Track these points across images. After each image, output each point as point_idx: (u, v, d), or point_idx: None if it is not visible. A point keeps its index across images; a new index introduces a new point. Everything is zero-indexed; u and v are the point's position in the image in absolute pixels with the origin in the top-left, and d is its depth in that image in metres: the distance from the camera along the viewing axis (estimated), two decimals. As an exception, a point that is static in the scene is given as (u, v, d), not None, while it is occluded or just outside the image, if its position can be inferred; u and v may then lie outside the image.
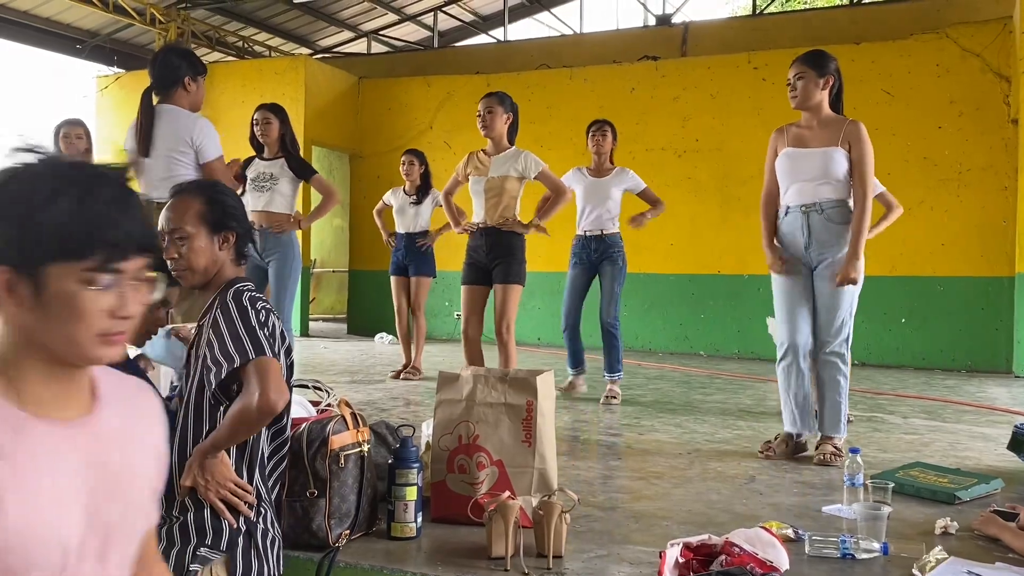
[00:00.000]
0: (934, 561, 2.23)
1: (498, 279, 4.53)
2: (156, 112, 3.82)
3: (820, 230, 3.63)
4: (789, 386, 3.71)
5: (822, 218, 3.63)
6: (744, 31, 10.56)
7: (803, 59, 3.69)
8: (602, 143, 5.47)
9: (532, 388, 2.63)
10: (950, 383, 6.85)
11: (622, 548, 2.41)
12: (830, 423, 3.68)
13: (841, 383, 3.65)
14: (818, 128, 3.69)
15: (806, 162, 3.66)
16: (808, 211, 3.65)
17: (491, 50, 12.31)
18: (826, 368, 3.67)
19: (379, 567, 2.22)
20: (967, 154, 7.92)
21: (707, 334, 8.87)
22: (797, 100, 3.68)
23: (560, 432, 3.61)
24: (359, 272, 10.74)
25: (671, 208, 8.79)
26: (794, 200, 3.70)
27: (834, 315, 3.62)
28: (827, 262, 3.62)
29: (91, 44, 11.80)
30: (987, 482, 3.11)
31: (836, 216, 3.62)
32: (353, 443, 2.40)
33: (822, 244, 3.63)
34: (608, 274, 5.38)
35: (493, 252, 4.53)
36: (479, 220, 4.57)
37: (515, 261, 4.53)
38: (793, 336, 3.68)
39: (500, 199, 4.50)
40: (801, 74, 3.66)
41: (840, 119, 3.69)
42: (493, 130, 4.52)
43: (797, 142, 3.72)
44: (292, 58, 11.34)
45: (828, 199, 3.63)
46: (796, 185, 3.69)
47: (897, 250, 7.90)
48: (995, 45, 7.84)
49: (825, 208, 3.63)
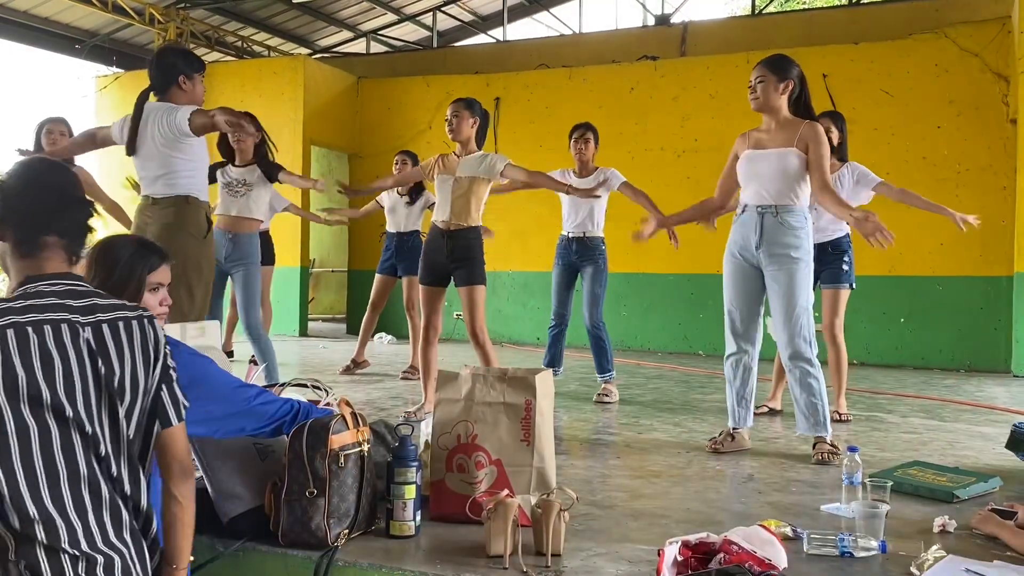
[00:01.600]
0: (932, 559, 2.23)
1: (462, 282, 4.52)
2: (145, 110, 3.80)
3: (772, 231, 3.66)
4: (733, 381, 3.83)
5: (776, 220, 3.66)
6: (743, 31, 10.56)
7: (765, 63, 3.75)
8: (584, 151, 5.46)
9: (531, 387, 2.63)
10: (949, 382, 6.85)
11: (620, 546, 2.41)
12: (813, 424, 3.69)
13: (813, 385, 3.65)
14: (776, 131, 3.74)
15: (762, 164, 3.71)
16: (763, 212, 3.69)
17: (490, 50, 12.32)
18: (794, 372, 3.68)
19: (378, 565, 2.22)
20: (966, 154, 7.92)
21: (706, 334, 8.87)
22: (757, 103, 3.74)
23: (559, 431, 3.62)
24: (358, 272, 10.73)
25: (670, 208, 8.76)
26: (751, 200, 3.76)
27: (790, 317, 3.63)
28: (778, 264, 3.65)
29: (90, 44, 11.79)
30: (985, 481, 3.11)
31: (790, 219, 3.65)
32: (353, 443, 2.40)
33: (772, 245, 3.66)
34: (589, 276, 5.39)
35: (454, 254, 4.52)
36: (441, 219, 4.57)
37: (476, 263, 4.53)
38: (737, 334, 3.81)
39: (466, 199, 4.51)
40: (762, 78, 3.72)
41: (798, 121, 3.73)
42: (460, 134, 4.56)
43: (756, 145, 3.78)
44: (291, 58, 11.34)
45: (783, 203, 3.66)
46: (753, 186, 3.75)
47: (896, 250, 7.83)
48: (994, 45, 7.85)
49: (780, 211, 3.66)
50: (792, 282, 3.62)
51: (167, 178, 3.76)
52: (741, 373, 3.81)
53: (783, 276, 3.64)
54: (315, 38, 13.71)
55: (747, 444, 3.86)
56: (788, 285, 3.63)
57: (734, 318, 3.82)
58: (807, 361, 3.65)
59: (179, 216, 3.76)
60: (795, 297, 3.62)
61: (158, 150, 3.75)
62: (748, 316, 3.79)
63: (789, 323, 3.63)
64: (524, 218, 8.98)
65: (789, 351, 3.66)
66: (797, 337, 3.63)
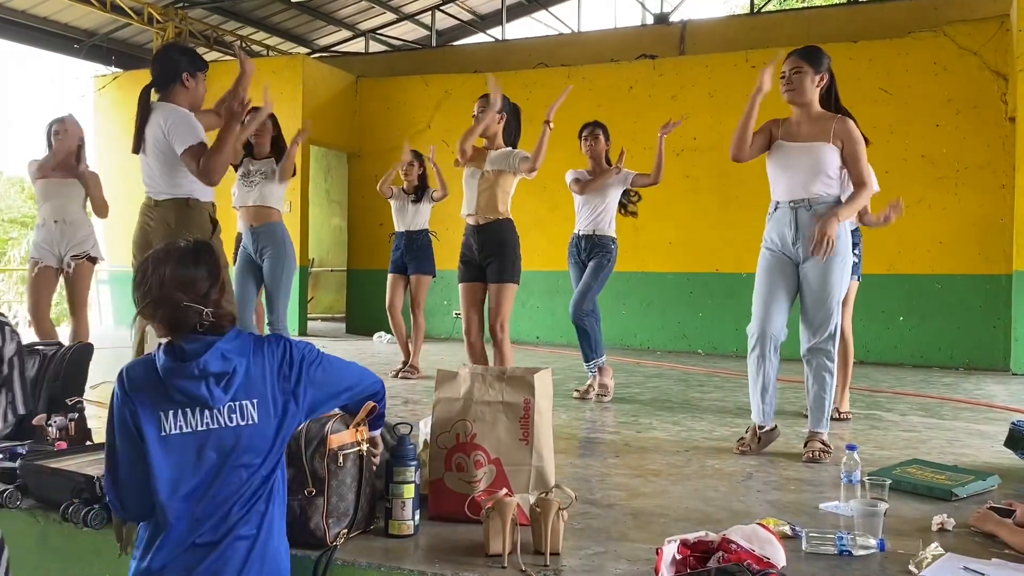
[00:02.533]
0: (930, 557, 2.24)
1: (492, 278, 4.51)
2: (151, 110, 3.80)
3: (808, 225, 3.62)
4: (757, 377, 3.74)
5: (810, 214, 3.63)
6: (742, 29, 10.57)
7: (801, 54, 3.69)
8: (595, 146, 5.48)
9: (530, 386, 2.63)
10: (948, 381, 6.86)
11: (619, 545, 2.41)
12: (815, 419, 3.70)
13: (827, 379, 3.66)
14: (808, 124, 3.69)
15: (795, 157, 3.66)
16: (796, 207, 3.65)
17: (489, 49, 12.32)
18: (813, 364, 3.67)
19: (377, 565, 2.22)
20: (965, 152, 7.93)
21: (705, 332, 8.88)
22: (792, 94, 3.67)
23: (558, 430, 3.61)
24: (357, 271, 10.73)
25: (669, 207, 8.85)
26: (783, 196, 3.71)
27: (820, 309, 3.62)
28: (815, 258, 3.61)
29: (89, 44, 11.78)
30: (984, 479, 3.11)
31: (825, 212, 3.62)
32: (352, 442, 2.39)
33: (810, 239, 3.63)
34: (591, 270, 5.37)
35: (485, 249, 4.52)
36: (469, 213, 4.56)
37: (507, 258, 4.51)
38: (765, 326, 3.70)
39: (492, 193, 4.50)
40: (798, 69, 3.66)
41: (829, 115, 3.69)
42: (487, 129, 4.52)
43: (788, 136, 3.72)
44: (290, 57, 11.34)
45: (816, 195, 3.62)
46: (784, 181, 3.70)
47: (895, 248, 7.91)
48: (992, 43, 7.85)
49: (813, 204, 3.63)
50: (827, 276, 3.60)
51: (169, 180, 3.74)
52: (764, 369, 3.74)
53: (819, 269, 3.61)
54: (314, 37, 13.71)
55: (775, 437, 3.79)
56: (822, 279, 3.60)
57: (763, 308, 3.72)
58: (827, 355, 3.64)
59: (180, 218, 3.74)
60: (828, 291, 3.60)
61: (159, 152, 3.74)
62: (777, 311, 3.70)
63: (818, 316, 3.61)
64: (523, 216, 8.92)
65: (812, 342, 3.64)
66: (824, 331, 3.62)
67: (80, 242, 5.27)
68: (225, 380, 1.94)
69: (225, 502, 1.94)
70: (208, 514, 1.93)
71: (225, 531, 1.93)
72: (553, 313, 9.29)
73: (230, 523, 1.93)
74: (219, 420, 1.95)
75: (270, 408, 2.00)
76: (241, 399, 1.97)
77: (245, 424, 1.97)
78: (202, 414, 1.94)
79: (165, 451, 1.93)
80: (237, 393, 1.97)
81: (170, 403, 1.94)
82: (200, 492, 1.93)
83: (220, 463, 1.94)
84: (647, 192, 5.79)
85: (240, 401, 1.97)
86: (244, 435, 1.96)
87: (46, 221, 5.28)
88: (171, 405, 1.94)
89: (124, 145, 12.08)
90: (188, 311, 1.97)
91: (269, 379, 2.02)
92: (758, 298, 3.77)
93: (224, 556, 1.91)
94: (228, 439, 1.95)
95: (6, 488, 2.68)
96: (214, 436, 1.94)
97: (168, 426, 1.93)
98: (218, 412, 1.95)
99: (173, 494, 1.92)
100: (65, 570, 2.62)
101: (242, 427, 1.96)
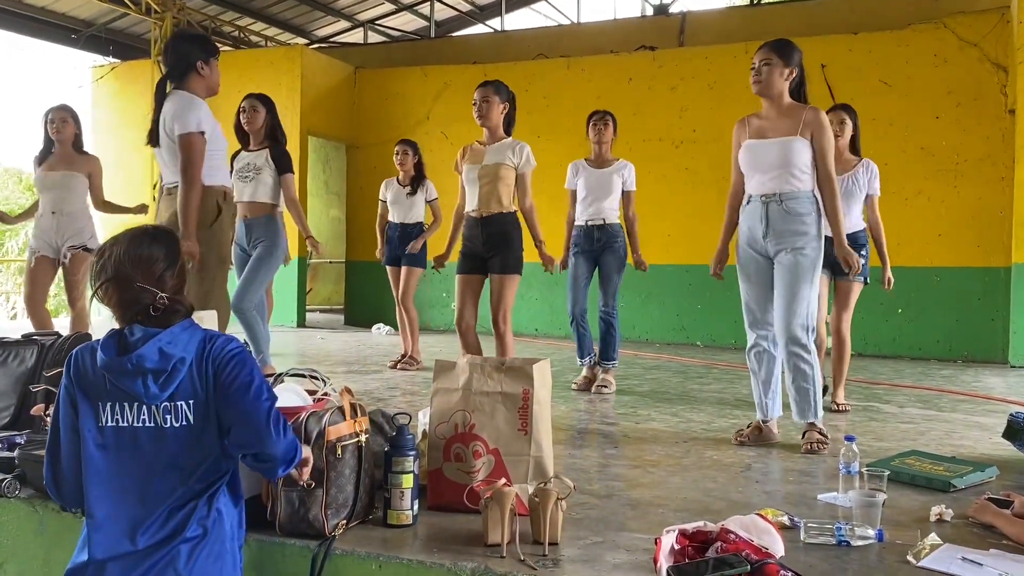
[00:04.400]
0: (928, 548, 2.24)
1: (495, 269, 4.50)
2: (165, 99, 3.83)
3: (777, 220, 3.64)
4: (758, 371, 3.78)
5: (780, 208, 3.63)
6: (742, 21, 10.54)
7: (771, 47, 3.66)
8: (603, 132, 5.44)
9: (528, 377, 2.63)
10: (946, 373, 6.86)
11: (618, 535, 2.41)
12: (803, 410, 3.70)
13: (806, 371, 3.65)
14: (777, 118, 3.69)
15: (765, 153, 3.66)
16: (768, 201, 3.66)
17: (488, 40, 12.28)
18: (789, 356, 3.67)
19: (375, 554, 2.22)
20: (964, 144, 7.91)
21: (704, 324, 8.88)
22: (760, 87, 3.66)
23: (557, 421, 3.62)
24: (356, 263, 10.72)
25: (669, 198, 8.83)
26: (755, 190, 3.72)
27: (790, 304, 3.61)
28: (784, 251, 3.63)
29: (86, 34, 11.74)
30: (982, 470, 3.11)
31: (795, 206, 3.62)
32: (350, 433, 2.39)
33: (779, 234, 3.64)
34: (609, 264, 5.36)
35: (490, 242, 4.50)
36: (472, 209, 4.55)
37: (512, 251, 4.50)
38: (759, 323, 3.76)
39: (495, 187, 4.46)
40: (767, 61, 3.64)
41: (799, 107, 3.68)
42: (489, 119, 4.49)
43: (758, 133, 3.72)
44: (288, 48, 11.30)
45: (787, 190, 3.63)
46: (756, 176, 3.71)
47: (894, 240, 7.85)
48: (993, 35, 7.83)
49: (784, 199, 3.63)
50: (797, 270, 3.60)
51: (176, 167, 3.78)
52: (765, 363, 3.77)
53: (788, 263, 3.62)
54: (312, 28, 13.67)
55: (775, 436, 3.80)
56: (792, 272, 3.61)
57: (752, 309, 3.78)
58: (803, 347, 3.64)
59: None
60: (798, 284, 3.60)
61: (169, 140, 3.78)
62: (766, 307, 3.74)
63: (789, 309, 3.61)
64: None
65: (785, 336, 3.65)
66: (795, 323, 3.61)
67: (76, 233, 5.26)
68: (163, 377, 1.87)
69: (160, 503, 1.88)
70: (145, 514, 1.87)
71: (166, 534, 1.87)
72: (552, 305, 9.28)
73: (170, 526, 1.87)
74: (155, 418, 1.89)
75: (208, 411, 1.93)
76: (179, 399, 1.90)
77: (179, 425, 1.90)
78: (138, 409, 1.89)
79: (100, 443, 1.90)
80: (177, 392, 1.89)
81: (108, 395, 1.90)
82: (134, 490, 1.89)
83: (152, 462, 1.89)
84: (646, 183, 5.78)
85: (177, 401, 1.90)
86: (178, 437, 1.90)
87: (44, 212, 5.28)
88: (108, 397, 1.90)
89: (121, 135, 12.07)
90: (141, 292, 1.91)
91: (208, 382, 1.93)
92: (745, 298, 3.81)
93: (168, 558, 1.85)
94: (161, 439, 1.89)
95: (5, 477, 2.68)
96: (147, 434, 1.89)
97: (105, 417, 1.90)
98: (154, 409, 1.89)
99: (106, 488, 1.88)
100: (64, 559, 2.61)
101: (176, 428, 1.90)
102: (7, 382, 3.47)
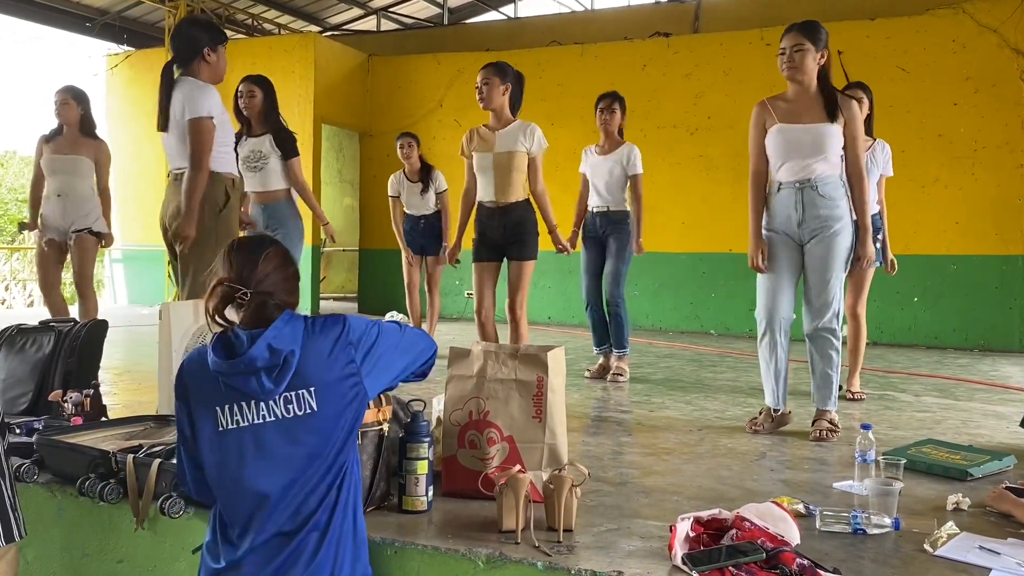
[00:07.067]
0: (945, 536, 2.23)
1: (513, 255, 4.50)
2: (174, 86, 3.83)
3: (813, 206, 3.60)
4: (770, 361, 3.75)
5: (816, 194, 3.60)
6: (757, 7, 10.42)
7: (802, 30, 3.61)
8: (610, 121, 5.38)
9: (543, 364, 2.63)
10: (963, 362, 6.82)
11: (632, 522, 2.41)
12: (823, 397, 3.69)
13: (833, 357, 3.65)
14: (807, 102, 3.64)
15: (799, 138, 3.61)
16: (802, 187, 3.62)
17: (501, 27, 12.23)
18: (817, 342, 3.65)
19: (390, 540, 2.23)
20: (982, 132, 7.83)
21: (718, 313, 8.85)
22: (794, 72, 3.61)
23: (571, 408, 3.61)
24: (369, 251, 10.74)
25: (683, 186, 8.80)
26: (787, 177, 3.66)
27: (824, 289, 3.60)
28: (819, 237, 3.61)
29: (101, 22, 11.77)
30: (999, 459, 3.09)
31: (830, 192, 3.60)
32: (373, 422, 2.39)
33: (816, 220, 3.61)
34: (613, 251, 5.33)
35: (508, 230, 4.49)
36: (488, 199, 4.53)
37: (530, 237, 4.50)
38: (773, 312, 3.70)
39: (509, 175, 4.44)
40: (799, 46, 3.59)
41: (830, 93, 3.64)
42: (492, 102, 4.45)
43: (789, 117, 3.65)
44: (301, 36, 11.29)
45: (821, 175, 3.60)
46: (789, 162, 3.65)
47: (911, 228, 7.84)
48: (1012, 20, 7.73)
49: (818, 184, 3.60)
50: (831, 254, 3.58)
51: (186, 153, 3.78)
52: (777, 354, 3.74)
53: (822, 248, 3.60)
54: (325, 16, 13.65)
55: (789, 421, 3.79)
56: (827, 257, 3.59)
57: (770, 297, 3.72)
58: (832, 332, 3.63)
59: None
60: (832, 269, 3.59)
61: (180, 126, 3.77)
62: (784, 295, 3.70)
63: (823, 294, 3.60)
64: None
65: (818, 322, 3.62)
66: (828, 309, 3.60)
67: (82, 217, 5.27)
68: (276, 371, 1.89)
69: (294, 494, 1.91)
70: (276, 506, 1.90)
71: (299, 522, 1.90)
72: (565, 293, 9.27)
73: (302, 514, 1.90)
74: (274, 412, 1.91)
75: (330, 394, 1.94)
76: (298, 388, 1.91)
77: (303, 414, 1.91)
78: (257, 407, 1.91)
79: (222, 446, 1.92)
80: (293, 382, 1.91)
81: (224, 397, 1.92)
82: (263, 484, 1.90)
83: (277, 455, 1.91)
84: (660, 171, 5.75)
85: (297, 391, 1.91)
86: (304, 424, 1.91)
87: (50, 195, 5.30)
88: (225, 399, 1.92)
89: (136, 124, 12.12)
90: (272, 308, 1.97)
91: (326, 364, 1.95)
92: (763, 283, 3.76)
93: (299, 547, 1.89)
94: (284, 430, 1.91)
95: (23, 463, 2.70)
96: (271, 428, 1.91)
97: (224, 420, 1.92)
98: (273, 404, 1.91)
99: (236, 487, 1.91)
100: (82, 544, 2.64)
101: (300, 417, 1.91)
102: (25, 368, 3.50)
